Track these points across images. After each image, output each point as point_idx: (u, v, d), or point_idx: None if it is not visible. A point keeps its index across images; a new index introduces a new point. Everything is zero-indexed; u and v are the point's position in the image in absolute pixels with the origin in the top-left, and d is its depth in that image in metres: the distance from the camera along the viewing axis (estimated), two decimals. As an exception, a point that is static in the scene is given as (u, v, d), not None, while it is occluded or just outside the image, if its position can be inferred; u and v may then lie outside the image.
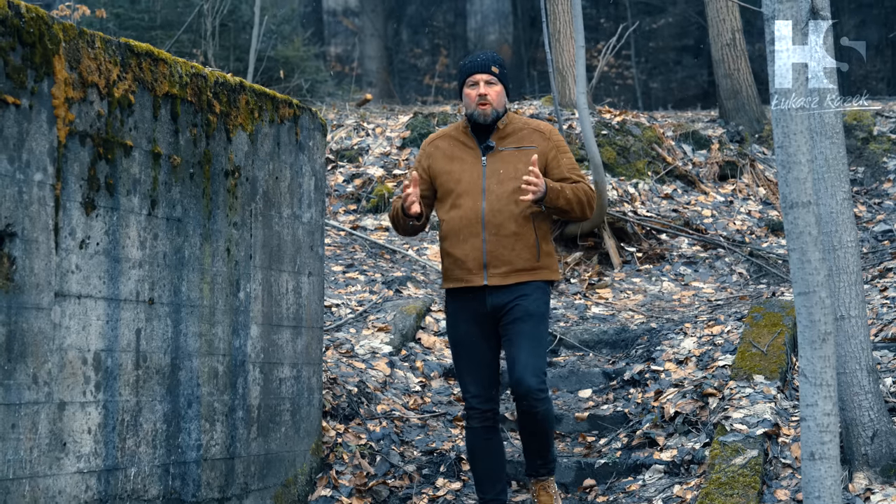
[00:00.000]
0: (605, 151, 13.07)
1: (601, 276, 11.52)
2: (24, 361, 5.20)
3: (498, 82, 6.79)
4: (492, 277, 6.68)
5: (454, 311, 6.86)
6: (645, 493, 7.44)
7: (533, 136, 6.82)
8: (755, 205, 13.21)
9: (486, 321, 6.77)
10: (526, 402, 6.63)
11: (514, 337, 6.67)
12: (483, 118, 6.76)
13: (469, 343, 6.80)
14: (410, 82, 26.06)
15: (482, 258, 6.68)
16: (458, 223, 6.73)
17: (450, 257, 6.78)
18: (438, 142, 6.94)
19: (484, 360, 6.80)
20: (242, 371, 6.68)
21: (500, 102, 6.78)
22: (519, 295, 6.69)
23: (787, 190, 5.52)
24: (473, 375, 6.80)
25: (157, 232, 6.02)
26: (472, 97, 6.77)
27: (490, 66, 6.78)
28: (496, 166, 6.74)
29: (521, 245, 6.69)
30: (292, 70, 18.72)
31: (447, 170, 6.82)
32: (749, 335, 8.65)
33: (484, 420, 6.81)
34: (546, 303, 6.77)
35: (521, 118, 6.89)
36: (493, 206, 6.68)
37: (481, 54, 6.85)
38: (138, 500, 5.89)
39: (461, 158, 6.81)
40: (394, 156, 13.47)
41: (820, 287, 5.52)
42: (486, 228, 6.68)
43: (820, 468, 5.54)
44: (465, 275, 6.73)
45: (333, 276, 10.59)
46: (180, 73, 6.19)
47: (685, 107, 20.12)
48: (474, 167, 6.77)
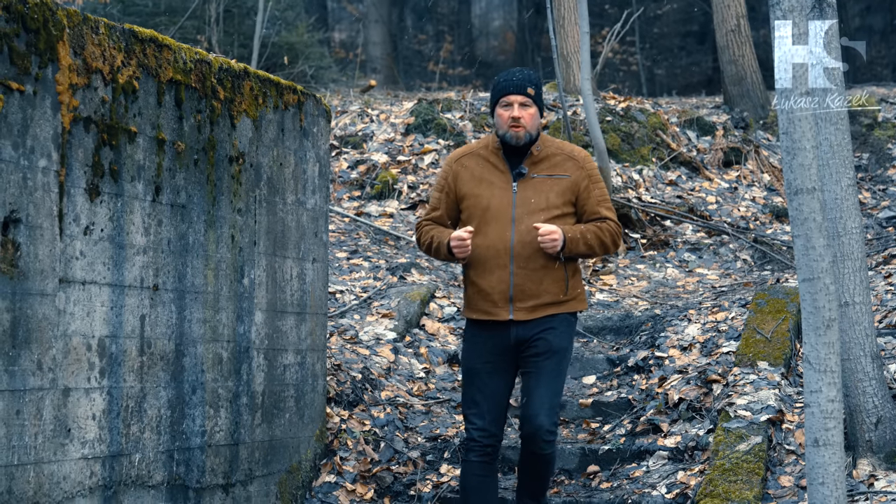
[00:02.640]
0: (609, 138, 13.06)
1: (605, 262, 11.51)
2: (29, 348, 5.21)
3: (533, 104, 6.47)
4: (518, 312, 6.42)
5: (474, 339, 6.57)
6: (649, 479, 7.44)
7: (567, 163, 6.52)
8: (759, 191, 13.20)
9: (508, 354, 6.50)
10: (534, 443, 6.41)
11: (534, 372, 6.43)
12: (516, 141, 6.45)
13: (485, 374, 6.50)
14: (415, 68, 26.04)
15: (509, 291, 6.41)
16: (486, 253, 6.44)
17: (474, 287, 6.50)
18: (465, 160, 6.62)
19: (496, 393, 6.52)
20: (247, 357, 6.69)
21: (534, 125, 6.48)
22: (544, 329, 6.44)
23: (792, 176, 5.51)
24: (482, 408, 6.50)
25: (161, 218, 6.02)
26: (505, 118, 6.46)
27: (526, 88, 6.46)
28: (527, 194, 6.45)
29: (550, 279, 6.44)
30: (296, 56, 18.71)
31: (475, 193, 6.51)
32: (753, 322, 8.65)
33: (483, 455, 6.52)
34: (571, 336, 6.54)
35: (554, 142, 6.59)
36: (522, 238, 6.40)
37: (518, 73, 6.53)
38: (143, 486, 5.90)
39: (490, 182, 6.51)
40: (398, 142, 13.46)
41: (824, 273, 5.51)
42: (514, 261, 6.40)
43: (824, 454, 5.54)
44: (490, 307, 6.46)
45: (338, 263, 10.59)
46: (184, 59, 6.19)
47: (690, 93, 20.10)
48: (504, 193, 6.47)
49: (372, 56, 24.14)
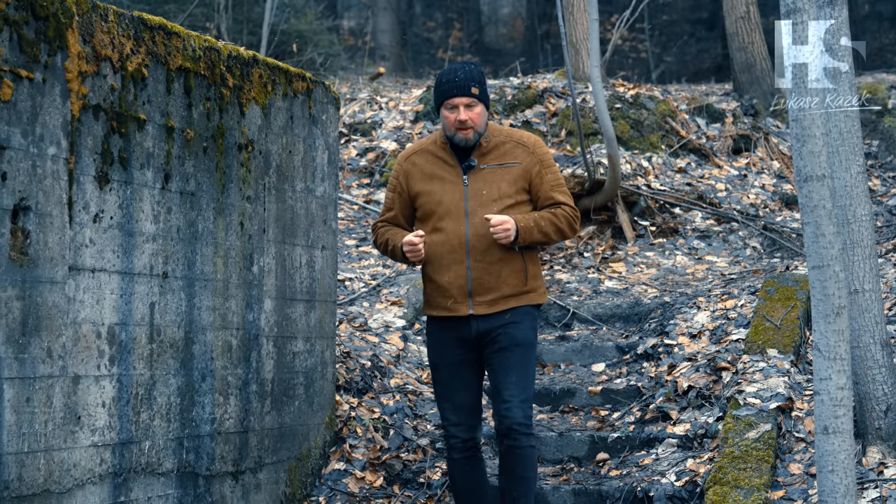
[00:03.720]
0: (618, 125, 13.04)
1: (614, 249, 11.51)
2: (39, 335, 5.21)
3: (479, 102, 6.36)
4: (478, 306, 6.33)
5: (436, 335, 6.49)
6: (658, 466, 7.44)
7: (516, 150, 6.41)
8: (769, 178, 13.18)
9: (471, 346, 6.40)
10: (510, 438, 6.30)
11: (501, 367, 6.33)
12: (465, 143, 6.36)
13: (452, 366, 6.42)
14: (423, 56, 26.02)
15: (467, 286, 6.32)
16: (441, 248, 6.35)
17: (432, 283, 6.42)
18: (415, 157, 6.52)
19: (467, 384, 6.43)
20: (256, 345, 6.69)
21: (482, 123, 6.37)
22: (506, 322, 6.34)
23: (802, 163, 5.50)
24: (455, 401, 6.42)
25: (170, 206, 6.02)
26: (452, 121, 6.35)
27: (470, 88, 6.32)
28: (478, 186, 6.36)
29: (508, 270, 6.33)
30: (305, 44, 18.70)
31: (427, 190, 6.42)
32: (763, 309, 8.65)
33: (465, 450, 6.46)
34: (534, 329, 6.43)
35: (502, 130, 6.49)
36: (476, 231, 6.30)
37: (459, 70, 6.38)
38: (152, 473, 5.91)
39: (441, 177, 6.42)
40: (407, 129, 13.45)
41: (834, 261, 5.51)
42: (470, 255, 6.31)
43: (833, 442, 5.54)
44: (450, 303, 6.37)
45: (347, 250, 10.59)
46: (193, 46, 6.18)
47: (699, 80, 20.07)
48: (455, 187, 6.38)
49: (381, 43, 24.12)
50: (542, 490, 7.34)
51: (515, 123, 13.55)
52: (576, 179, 11.80)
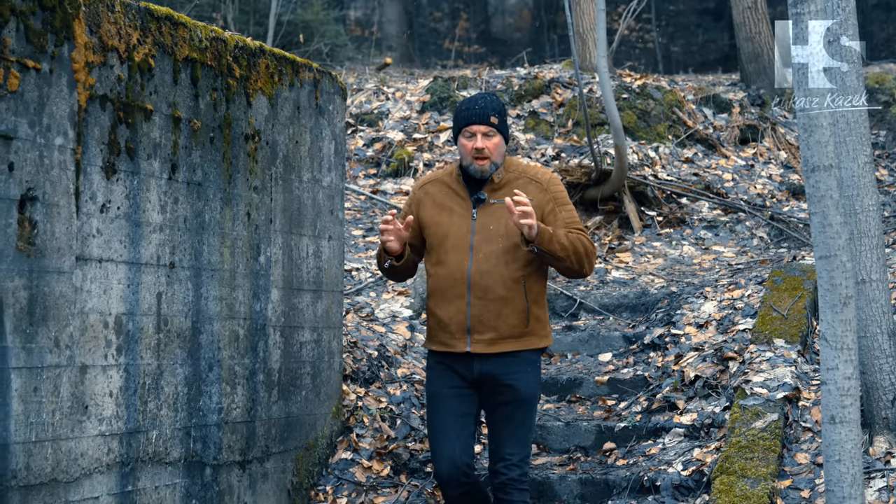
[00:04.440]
0: (625, 115, 13.04)
1: (621, 239, 11.51)
2: (46, 325, 5.22)
3: (497, 133, 6.21)
4: (475, 344, 6.15)
5: (437, 367, 6.32)
6: (665, 456, 7.45)
7: (528, 186, 6.21)
8: (776, 168, 13.17)
9: (470, 384, 6.23)
10: (503, 493, 6.20)
11: (502, 422, 6.19)
12: (481, 174, 6.22)
13: (451, 398, 6.23)
14: (430, 46, 26.00)
15: (466, 322, 6.16)
16: (444, 282, 6.21)
17: (433, 317, 6.29)
18: (429, 187, 6.39)
19: (461, 416, 6.23)
20: (263, 335, 6.70)
21: (499, 154, 6.22)
22: (509, 372, 6.17)
23: (809, 153, 5.50)
24: (450, 435, 6.18)
25: (177, 196, 6.03)
26: (468, 149, 6.20)
27: (489, 117, 6.19)
28: (486, 221, 6.19)
29: (509, 310, 6.16)
30: (312, 34, 18.70)
31: (436, 220, 6.29)
32: (770, 299, 8.64)
33: (461, 486, 6.21)
34: (538, 381, 6.26)
35: (518, 164, 6.32)
36: (479, 267, 6.14)
37: (480, 100, 6.25)
38: (160, 462, 5.92)
39: (450, 209, 6.26)
40: (414, 120, 13.45)
41: (841, 251, 5.50)
42: (471, 291, 6.14)
43: (840, 432, 5.54)
44: (448, 339, 6.22)
45: (353, 240, 10.60)
46: (200, 37, 6.19)
47: (706, 70, 20.05)
48: (463, 221, 6.22)
49: (387, 34, 24.11)
50: (548, 479, 7.35)
51: (522, 114, 13.55)
52: (583, 170, 11.80)
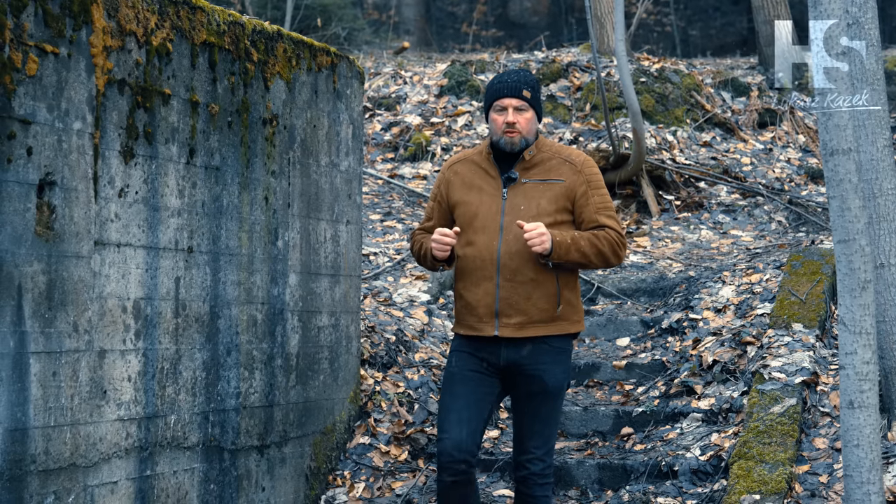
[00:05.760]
0: (643, 99, 13.01)
1: (639, 224, 11.49)
2: (65, 310, 5.23)
3: (529, 108, 6.00)
4: (503, 328, 5.90)
5: (462, 349, 6.05)
6: (682, 441, 7.44)
7: (562, 167, 6.00)
8: (794, 152, 13.13)
9: (496, 372, 5.99)
10: (525, 486, 6.01)
11: (528, 414, 5.98)
12: (511, 147, 5.98)
13: (469, 381, 5.97)
14: (448, 30, 25.96)
15: (494, 305, 5.91)
16: (472, 263, 5.96)
17: (461, 300, 6.04)
18: (458, 166, 6.17)
19: (478, 402, 5.96)
20: (281, 319, 6.71)
21: (531, 130, 6.00)
22: (537, 362, 5.93)
23: (828, 137, 5.48)
24: (461, 416, 5.90)
25: (195, 180, 6.03)
26: (499, 123, 5.98)
27: (521, 90, 5.99)
28: (517, 201, 5.96)
29: (540, 293, 5.91)
30: (329, 18, 18.69)
31: (465, 200, 6.05)
32: (788, 283, 8.63)
33: (456, 474, 5.87)
34: (566, 371, 6.01)
35: (552, 145, 6.11)
36: (509, 248, 5.90)
37: (514, 74, 6.06)
38: (178, 447, 5.93)
39: (480, 188, 6.04)
40: (431, 104, 13.44)
41: (860, 235, 5.49)
42: (500, 272, 5.90)
43: (859, 416, 5.53)
44: (476, 322, 5.96)
45: (371, 225, 10.60)
46: (218, 21, 6.18)
47: (724, 54, 19.98)
48: (493, 200, 5.99)
49: (405, 18, 24.09)
50: (566, 464, 7.35)
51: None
52: (600, 154, 11.78)
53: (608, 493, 7.23)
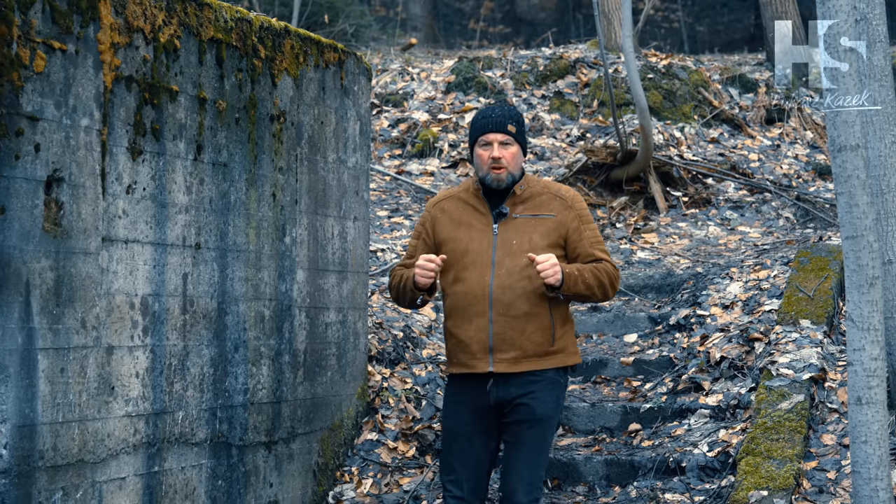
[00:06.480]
0: (650, 95, 13.01)
1: (647, 220, 11.49)
2: (73, 306, 5.24)
3: (514, 142, 5.91)
4: (498, 363, 5.80)
5: (454, 398, 5.97)
6: (690, 437, 7.44)
7: (553, 202, 5.93)
8: (802, 148, 13.12)
9: (488, 415, 5.88)
10: None
11: (514, 443, 5.85)
12: (497, 183, 5.89)
13: (464, 439, 5.90)
14: (455, 27, 25.97)
15: (488, 341, 5.81)
16: (463, 300, 5.86)
17: (453, 338, 5.92)
18: (445, 203, 6.06)
19: (476, 460, 5.90)
20: (288, 315, 6.71)
21: (516, 165, 5.91)
22: (528, 392, 5.83)
23: (836, 133, 5.48)
24: (460, 476, 5.88)
25: (203, 177, 6.04)
26: (485, 159, 5.89)
27: (506, 125, 5.90)
28: (508, 236, 5.87)
29: (534, 327, 5.82)
30: (337, 15, 18.69)
31: (453, 237, 5.94)
32: (796, 280, 8.62)
33: None
34: (558, 400, 5.91)
35: (540, 181, 6.04)
36: (502, 282, 5.80)
37: (498, 109, 5.98)
38: (186, 443, 5.93)
39: (469, 224, 5.94)
40: (439, 100, 13.44)
41: (868, 231, 5.48)
42: (493, 307, 5.79)
43: (867, 413, 5.53)
44: (469, 359, 5.85)
45: (378, 221, 10.60)
46: (225, 17, 6.19)
47: (732, 50, 19.98)
48: (484, 236, 5.89)
49: (412, 14, 24.09)
50: (574, 460, 7.35)
51: (547, 94, 13.52)
52: (608, 150, 11.77)
53: (616, 490, 7.24)
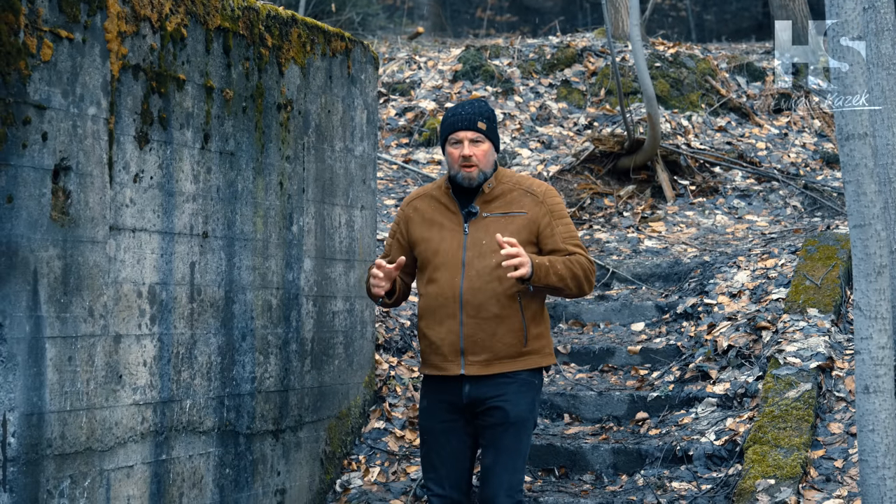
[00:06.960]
0: (658, 84, 12.99)
1: (654, 209, 11.48)
2: (80, 294, 5.24)
3: (485, 139, 5.81)
4: (469, 366, 5.74)
5: (428, 397, 5.90)
6: (697, 426, 7.44)
7: (524, 199, 5.83)
8: (810, 137, 13.10)
9: (462, 412, 5.83)
10: None
11: (491, 447, 5.77)
12: (468, 182, 5.80)
13: (441, 435, 5.85)
14: (462, 15, 25.94)
15: (459, 343, 5.74)
16: (434, 301, 5.79)
17: (425, 339, 5.87)
18: (417, 202, 5.98)
19: (456, 456, 5.86)
20: (296, 304, 6.71)
21: (488, 162, 5.81)
22: (501, 393, 5.75)
23: (843, 121, 5.47)
24: (440, 473, 5.84)
25: (210, 166, 6.04)
26: (456, 157, 5.80)
27: (476, 122, 5.80)
28: (478, 236, 5.78)
29: (505, 329, 5.74)
30: (344, 3, 18.68)
31: (425, 237, 5.88)
32: (803, 268, 8.61)
33: None
34: (532, 402, 5.82)
35: (512, 176, 5.93)
36: (472, 284, 5.72)
37: (468, 106, 5.88)
38: (194, 431, 5.94)
39: (441, 224, 5.87)
40: (446, 89, 13.43)
41: (875, 220, 5.48)
42: (463, 309, 5.73)
43: (874, 401, 5.53)
44: (441, 361, 5.80)
45: (385, 210, 10.60)
46: (232, 6, 6.18)
47: (739, 38, 19.95)
48: (454, 236, 5.82)
49: (419, 3, 24.07)
50: (581, 449, 7.36)
51: (554, 83, 13.51)
52: (615, 139, 11.77)
53: (623, 478, 7.24)
